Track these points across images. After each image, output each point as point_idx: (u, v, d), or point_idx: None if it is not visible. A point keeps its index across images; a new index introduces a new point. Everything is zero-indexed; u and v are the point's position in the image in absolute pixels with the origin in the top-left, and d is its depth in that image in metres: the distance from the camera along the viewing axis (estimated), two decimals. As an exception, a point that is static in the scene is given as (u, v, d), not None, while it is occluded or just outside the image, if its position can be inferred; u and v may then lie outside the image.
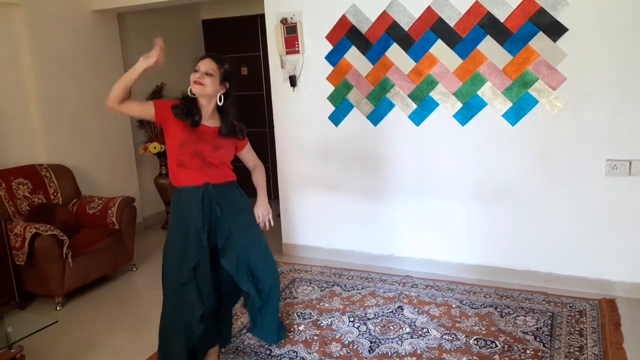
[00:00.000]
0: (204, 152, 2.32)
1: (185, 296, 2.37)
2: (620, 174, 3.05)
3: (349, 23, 3.58)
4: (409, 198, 3.66)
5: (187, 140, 2.30)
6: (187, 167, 2.32)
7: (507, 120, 3.28)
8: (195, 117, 2.31)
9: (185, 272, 2.34)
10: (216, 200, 2.35)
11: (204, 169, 2.33)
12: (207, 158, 2.33)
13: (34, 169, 3.81)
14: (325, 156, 3.87)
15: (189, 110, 2.30)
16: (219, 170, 2.39)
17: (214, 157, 2.34)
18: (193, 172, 2.33)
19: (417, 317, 3.00)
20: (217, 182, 2.38)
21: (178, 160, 2.32)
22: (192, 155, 2.31)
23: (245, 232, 2.46)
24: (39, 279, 3.32)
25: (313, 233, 4.07)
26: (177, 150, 2.31)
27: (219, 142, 2.37)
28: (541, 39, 3.10)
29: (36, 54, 3.93)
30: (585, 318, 2.90)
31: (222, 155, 2.38)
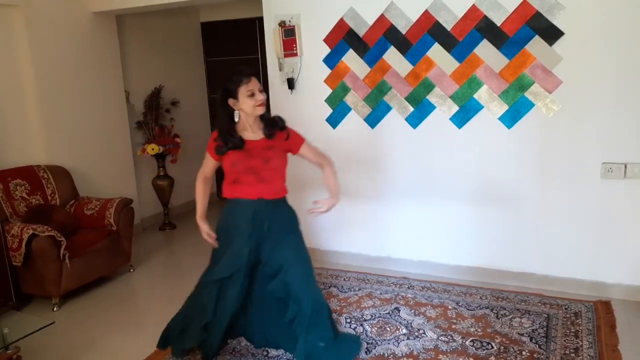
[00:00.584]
0: (256, 167, 2.40)
1: (202, 296, 2.49)
2: (615, 176, 3.07)
3: (346, 26, 3.60)
4: (405, 200, 3.68)
5: (237, 159, 2.41)
6: (241, 183, 2.43)
7: (503, 124, 3.30)
8: (237, 143, 2.41)
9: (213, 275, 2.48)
10: (267, 216, 2.43)
11: (257, 184, 2.42)
12: (260, 172, 2.41)
13: (32, 170, 3.82)
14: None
15: (226, 140, 2.43)
16: (272, 185, 2.45)
17: (266, 170, 2.41)
18: (247, 187, 2.43)
19: (413, 319, 3.01)
20: (270, 198, 2.45)
21: (232, 178, 2.45)
22: (245, 172, 2.41)
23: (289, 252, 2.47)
24: (36, 280, 3.32)
25: (310, 235, 4.06)
26: (230, 169, 2.45)
27: (268, 154, 2.42)
28: (537, 43, 3.12)
29: (35, 55, 3.94)
30: (581, 320, 2.91)
31: (274, 166, 2.44)
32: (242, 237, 2.43)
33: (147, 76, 5.17)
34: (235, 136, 2.43)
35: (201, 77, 6.06)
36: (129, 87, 4.91)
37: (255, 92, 2.38)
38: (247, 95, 2.38)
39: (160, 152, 4.86)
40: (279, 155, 2.47)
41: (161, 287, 3.78)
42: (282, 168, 2.51)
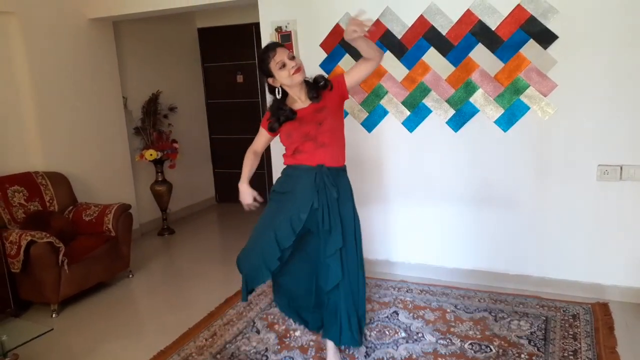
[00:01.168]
0: (312, 133, 2.34)
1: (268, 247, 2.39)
2: (611, 179, 3.09)
3: (342, 31, 3.62)
4: (403, 204, 3.69)
5: (292, 129, 2.37)
6: (301, 152, 2.38)
7: (499, 127, 3.32)
8: (287, 114, 2.37)
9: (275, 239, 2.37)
10: (330, 182, 2.36)
11: (317, 150, 2.35)
12: (317, 137, 2.34)
13: (30, 176, 3.82)
14: (320, 163, 3.89)
15: (279, 114, 2.39)
16: (332, 150, 2.38)
17: (322, 133, 2.34)
18: (308, 154, 2.37)
19: (412, 322, 3.02)
20: (331, 166, 2.39)
21: (292, 149, 2.40)
22: (302, 140, 2.35)
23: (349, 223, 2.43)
24: (35, 286, 3.32)
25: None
26: (287, 142, 2.40)
27: (319, 117, 2.35)
28: (532, 47, 3.14)
29: (32, 62, 3.95)
30: (579, 322, 2.92)
31: (329, 127, 2.36)
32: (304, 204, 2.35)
33: (145, 82, 5.19)
34: (285, 108, 2.39)
35: (199, 82, 6.07)
36: (126, 93, 4.92)
37: (285, 61, 2.30)
38: (279, 68, 2.31)
39: (159, 158, 4.87)
40: (331, 114, 2.38)
41: (160, 293, 3.78)
42: (338, 129, 2.43)
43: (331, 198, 2.36)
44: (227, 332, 3.03)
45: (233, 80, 5.94)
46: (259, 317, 3.18)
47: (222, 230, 5.48)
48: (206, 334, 3.00)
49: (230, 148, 6.13)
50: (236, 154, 6.04)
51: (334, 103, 2.40)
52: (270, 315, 3.20)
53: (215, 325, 3.11)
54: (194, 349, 2.85)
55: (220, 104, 6.11)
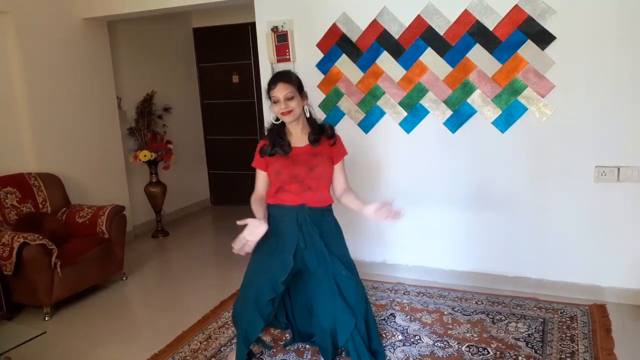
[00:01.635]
0: (301, 175, 2.33)
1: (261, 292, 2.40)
2: (609, 180, 3.08)
3: (339, 31, 3.60)
4: (400, 205, 3.65)
5: (282, 167, 2.34)
6: (286, 191, 2.36)
7: (497, 128, 3.30)
8: (284, 146, 2.34)
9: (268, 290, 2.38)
10: (313, 222, 2.36)
11: (302, 193, 2.35)
12: (305, 181, 2.33)
13: (23, 177, 3.77)
14: (316, 164, 3.87)
15: (275, 142, 2.35)
16: (317, 193, 2.38)
17: (311, 178, 2.34)
18: (292, 195, 2.36)
19: (409, 325, 3.00)
20: (314, 206, 2.38)
21: (277, 187, 2.38)
22: (290, 181, 2.34)
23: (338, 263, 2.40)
24: (27, 289, 3.28)
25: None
26: (275, 179, 2.37)
27: (313, 161, 2.35)
28: (529, 47, 3.13)
29: (25, 62, 3.90)
30: (577, 324, 2.91)
31: (319, 174, 2.36)
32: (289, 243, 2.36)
33: (139, 82, 5.15)
34: (284, 140, 2.36)
35: (194, 83, 6.03)
36: (120, 93, 4.88)
37: (279, 99, 2.28)
38: (273, 101, 2.32)
39: (153, 159, 4.83)
40: (324, 162, 2.38)
41: (154, 296, 3.74)
42: (327, 176, 2.42)
43: (314, 236, 2.36)
44: (222, 335, 2.99)
45: (229, 81, 5.91)
46: (255, 320, 3.14)
47: (216, 233, 5.44)
48: (201, 337, 2.97)
49: (226, 149, 6.10)
50: (231, 155, 6.08)
51: (328, 155, 2.41)
52: (266, 317, 3.16)
53: (210, 328, 3.08)
54: (188, 352, 2.81)
55: (215, 105, 6.07)
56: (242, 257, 2.66)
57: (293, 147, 2.37)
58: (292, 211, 2.36)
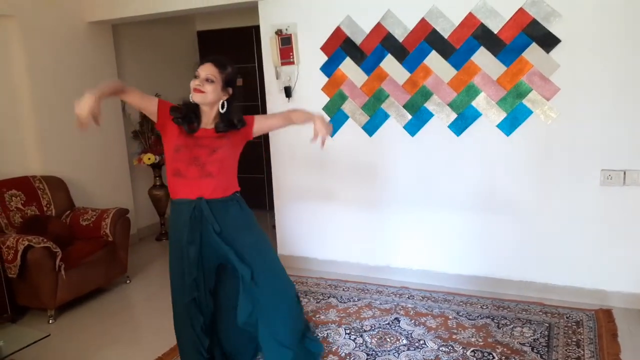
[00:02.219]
0: (201, 158, 2.16)
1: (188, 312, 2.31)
2: (614, 183, 3.06)
3: (343, 34, 3.60)
4: (404, 208, 3.65)
5: (183, 145, 2.18)
6: (183, 176, 2.18)
7: (501, 131, 3.29)
8: (194, 124, 2.20)
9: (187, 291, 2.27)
10: (211, 217, 2.19)
11: (200, 180, 2.17)
12: (205, 165, 2.16)
13: (27, 180, 3.78)
14: (320, 167, 3.86)
15: (187, 116, 2.20)
16: (217, 181, 2.20)
17: (211, 162, 2.17)
18: (189, 182, 2.18)
19: (413, 329, 2.98)
20: (214, 197, 2.20)
21: (174, 169, 2.20)
22: (189, 163, 2.17)
23: (253, 252, 2.25)
24: (31, 292, 3.28)
25: (308, 244, 4.05)
26: (173, 156, 2.20)
27: (216, 143, 2.20)
28: (534, 50, 3.12)
29: (30, 65, 3.92)
30: (582, 329, 2.89)
31: (221, 157, 2.20)
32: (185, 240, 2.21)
33: (143, 85, 5.14)
34: (197, 118, 2.21)
35: (198, 86, 6.03)
36: (125, 96, 4.88)
37: (199, 75, 2.17)
38: (194, 76, 2.20)
39: (157, 162, 4.83)
40: (228, 146, 2.23)
41: (158, 299, 3.74)
42: (230, 160, 2.26)
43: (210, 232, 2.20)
44: (226, 338, 2.98)
45: (232, 84, 5.91)
46: (259, 324, 3.14)
47: (221, 235, 5.44)
48: (205, 341, 2.96)
49: (230, 152, 6.09)
50: (235, 158, 6.06)
51: (236, 138, 2.28)
52: (269, 321, 3.15)
53: (214, 331, 3.07)
54: (192, 356, 2.80)
55: (219, 108, 6.07)
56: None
57: (201, 128, 2.23)
58: (189, 206, 2.19)
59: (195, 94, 2.18)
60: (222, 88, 2.22)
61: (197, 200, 2.19)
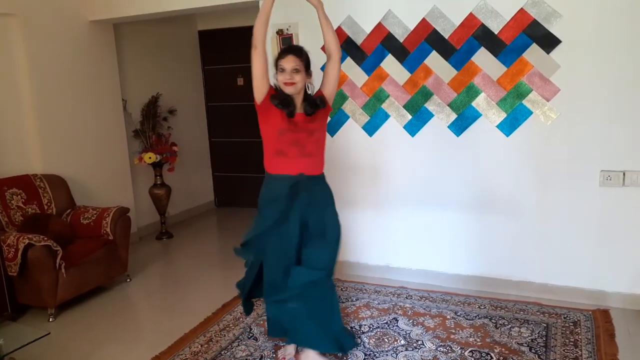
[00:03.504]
0: (302, 140, 2.43)
1: None
2: (614, 184, 3.06)
3: (344, 34, 3.60)
4: (404, 208, 3.66)
5: (287, 129, 2.43)
6: (285, 155, 2.45)
7: (501, 131, 3.29)
8: (291, 108, 2.43)
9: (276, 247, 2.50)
10: (307, 189, 2.46)
11: (300, 158, 2.45)
12: (305, 146, 2.44)
13: (28, 179, 3.80)
14: (320, 166, 3.87)
15: (286, 101, 2.42)
16: (314, 159, 2.51)
17: (310, 143, 2.46)
18: (290, 160, 2.45)
19: (412, 329, 2.99)
20: (311, 174, 2.49)
21: (277, 149, 2.46)
22: (291, 144, 2.43)
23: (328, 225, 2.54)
24: (32, 290, 3.29)
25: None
26: (277, 139, 2.44)
27: (312, 126, 2.47)
28: (535, 51, 3.12)
29: (32, 64, 3.93)
30: (580, 329, 2.89)
31: (318, 137, 2.50)
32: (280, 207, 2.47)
33: (145, 84, 5.17)
34: (292, 100, 2.44)
35: (199, 85, 6.05)
36: (126, 95, 4.90)
37: (286, 69, 2.40)
38: (280, 69, 2.42)
39: (158, 161, 4.85)
40: (321, 125, 2.52)
41: (158, 298, 3.75)
42: (323, 139, 2.58)
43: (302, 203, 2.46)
44: (223, 338, 2.99)
45: (233, 83, 5.92)
46: (256, 324, 3.14)
47: (220, 235, 5.45)
48: (202, 340, 2.97)
49: (230, 151, 6.11)
50: (236, 158, 6.09)
51: (322, 116, 2.54)
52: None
53: (212, 330, 3.08)
54: (189, 355, 2.81)
55: (220, 107, 6.09)
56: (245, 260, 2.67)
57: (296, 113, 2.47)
58: (290, 180, 2.45)
59: (287, 87, 2.41)
60: (306, 72, 2.46)
61: (298, 175, 2.46)
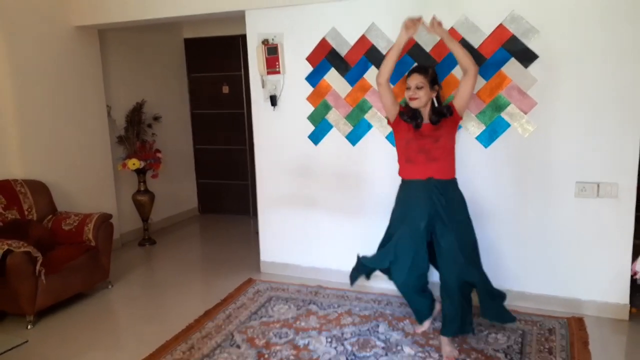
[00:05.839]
0: (427, 146, 2.71)
1: None
2: (589, 195, 3.15)
3: (328, 46, 3.66)
4: (385, 217, 3.68)
5: (412, 139, 2.75)
6: (413, 162, 2.76)
7: (480, 143, 3.37)
8: (418, 120, 2.75)
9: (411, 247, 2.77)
10: (437, 194, 2.70)
11: (427, 164, 2.72)
12: (431, 152, 2.71)
13: (9, 184, 3.76)
14: (304, 174, 3.91)
15: (413, 115, 2.76)
16: (442, 164, 2.73)
17: (436, 149, 2.71)
18: (418, 166, 2.74)
19: (391, 334, 3.03)
20: (440, 178, 2.73)
21: (406, 157, 2.80)
22: (417, 152, 2.73)
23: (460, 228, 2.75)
24: (10, 296, 3.25)
25: (291, 250, 4.08)
26: (405, 148, 2.79)
27: (437, 133, 2.72)
28: (513, 65, 3.21)
29: (14, 68, 3.90)
30: (555, 336, 2.96)
31: (444, 144, 2.73)
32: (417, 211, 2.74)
33: (130, 91, 5.17)
34: (421, 117, 2.76)
35: (184, 92, 6.06)
36: (110, 101, 4.89)
37: (411, 86, 2.71)
38: (406, 87, 2.75)
39: (142, 167, 4.84)
40: (447, 133, 2.74)
41: (140, 304, 3.74)
42: (450, 146, 2.78)
43: (441, 205, 2.70)
44: (205, 345, 2.99)
45: (218, 91, 5.95)
46: (238, 331, 3.15)
47: (203, 242, 5.45)
48: (184, 347, 2.97)
49: (214, 159, 6.12)
50: (220, 165, 6.10)
51: (449, 125, 2.77)
52: (250, 328, 3.17)
53: (194, 338, 3.08)
54: (172, 362, 2.81)
55: (205, 115, 6.10)
56: (229, 268, 2.67)
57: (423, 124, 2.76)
58: (420, 184, 2.74)
59: (412, 102, 2.74)
60: (430, 88, 2.73)
61: (427, 180, 2.73)
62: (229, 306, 3.49)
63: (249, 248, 4.75)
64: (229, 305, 3.50)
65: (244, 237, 5.23)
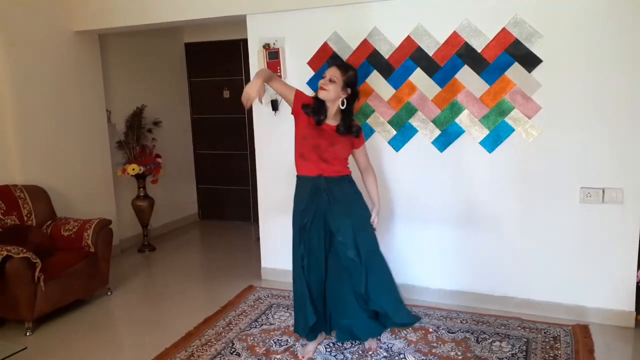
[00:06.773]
0: (321, 147, 2.66)
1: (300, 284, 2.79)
2: (594, 201, 3.12)
3: (330, 50, 3.64)
4: (387, 224, 3.67)
5: (310, 135, 2.68)
6: (306, 159, 2.70)
7: (484, 148, 3.34)
8: (321, 117, 2.68)
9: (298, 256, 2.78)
10: (326, 189, 2.67)
11: (318, 163, 2.67)
12: (323, 153, 2.66)
13: (8, 189, 3.73)
14: (305, 180, 3.87)
15: (316, 109, 2.68)
16: (332, 166, 2.69)
17: (329, 152, 2.66)
18: (310, 164, 2.69)
19: (394, 342, 2.99)
20: (330, 175, 2.69)
21: (300, 152, 2.73)
22: (311, 149, 2.67)
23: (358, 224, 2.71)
24: (9, 303, 3.22)
25: (288, 258, 4.03)
26: (300, 142, 2.72)
27: (336, 139, 2.68)
28: (517, 69, 3.19)
29: (14, 74, 3.88)
30: (560, 344, 2.92)
31: (337, 151, 2.69)
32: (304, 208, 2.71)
33: (130, 96, 5.14)
34: (324, 113, 2.69)
35: (184, 97, 6.04)
36: (110, 106, 4.87)
37: (326, 76, 2.66)
38: (322, 75, 2.69)
39: (141, 173, 4.81)
40: (344, 144, 2.71)
41: (139, 311, 3.70)
42: (342, 155, 2.74)
43: (324, 202, 2.67)
44: (204, 353, 2.95)
45: (219, 96, 5.93)
46: (238, 338, 3.11)
47: (204, 248, 5.41)
48: (183, 355, 2.93)
49: (215, 164, 6.09)
50: (221, 170, 6.07)
51: (349, 142, 2.75)
52: (250, 336, 3.14)
53: (193, 345, 3.04)
54: (172, 370, 2.78)
55: (205, 119, 6.08)
56: (229, 275, 2.64)
57: (325, 123, 2.71)
58: (310, 181, 2.70)
59: (320, 91, 2.67)
60: (342, 88, 2.68)
61: (317, 177, 2.69)
62: (229, 313, 3.45)
63: (249, 254, 4.71)
64: (229, 313, 3.46)
65: (245, 244, 5.19)
